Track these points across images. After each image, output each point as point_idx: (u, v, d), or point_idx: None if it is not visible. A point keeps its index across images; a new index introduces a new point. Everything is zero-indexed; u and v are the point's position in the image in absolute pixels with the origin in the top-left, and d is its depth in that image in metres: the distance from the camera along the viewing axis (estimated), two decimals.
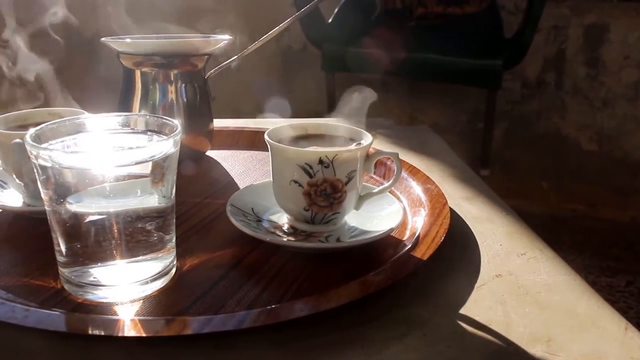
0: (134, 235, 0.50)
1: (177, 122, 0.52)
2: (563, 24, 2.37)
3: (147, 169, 0.48)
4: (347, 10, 2.20)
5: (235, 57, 0.83)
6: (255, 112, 1.11)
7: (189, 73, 0.81)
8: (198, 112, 0.83)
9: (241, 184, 0.79)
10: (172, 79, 0.80)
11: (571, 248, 2.03)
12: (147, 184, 0.49)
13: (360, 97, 0.71)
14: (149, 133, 0.55)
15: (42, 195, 0.50)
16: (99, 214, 0.49)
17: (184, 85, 0.81)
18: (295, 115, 1.21)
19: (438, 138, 1.06)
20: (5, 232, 0.66)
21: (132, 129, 0.55)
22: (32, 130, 0.50)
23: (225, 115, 1.04)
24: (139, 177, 0.49)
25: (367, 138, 0.62)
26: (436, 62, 2.01)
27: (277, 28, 0.81)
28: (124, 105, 0.81)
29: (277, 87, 2.48)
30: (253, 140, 0.94)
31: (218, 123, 0.90)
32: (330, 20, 2.21)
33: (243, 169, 0.85)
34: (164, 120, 0.54)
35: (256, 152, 0.92)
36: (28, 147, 0.48)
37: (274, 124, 1.00)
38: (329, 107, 2.21)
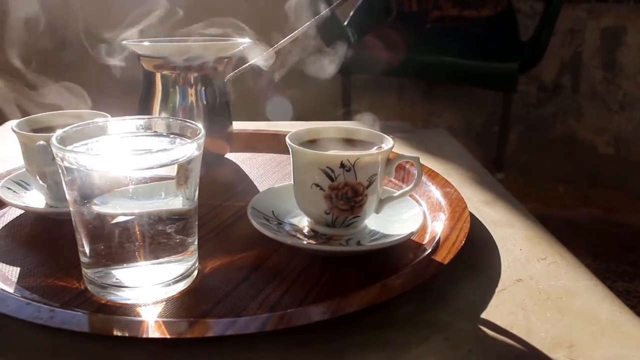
0: (157, 237, 0.50)
1: (200, 126, 0.52)
2: (579, 27, 2.36)
3: (172, 171, 0.49)
4: (363, 12, 2.20)
5: (254, 60, 0.83)
6: (265, 116, 1.11)
7: (209, 76, 0.82)
8: (218, 115, 0.83)
9: (261, 187, 0.79)
10: (192, 81, 0.81)
11: (587, 252, 2.02)
12: (172, 186, 0.50)
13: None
14: (171, 136, 0.55)
15: (67, 196, 0.51)
16: (123, 215, 0.49)
17: (203, 88, 0.81)
18: (309, 117, 1.21)
19: (455, 141, 1.06)
20: (28, 232, 0.66)
21: (155, 131, 0.56)
22: (58, 132, 0.51)
23: (239, 117, 1.05)
24: (164, 180, 0.49)
25: (387, 142, 0.62)
26: (452, 65, 2.01)
27: (296, 32, 0.82)
28: (144, 107, 0.82)
29: (292, 89, 2.48)
30: (271, 143, 0.94)
31: (236, 125, 0.91)
32: (345, 23, 2.21)
33: (262, 171, 0.85)
34: (187, 124, 0.54)
35: (275, 154, 0.92)
36: (54, 150, 0.49)
37: (292, 127, 1.01)
38: (344, 109, 2.21)
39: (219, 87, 0.83)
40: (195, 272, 0.55)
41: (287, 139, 0.62)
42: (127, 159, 0.49)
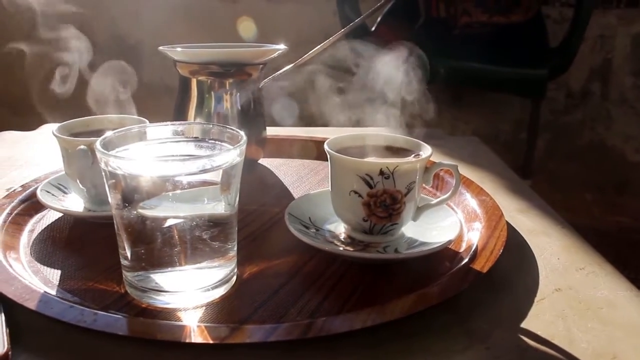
0: (198, 242, 0.51)
1: (242, 132, 0.53)
2: (610, 33, 2.34)
3: (216, 176, 0.49)
4: (390, 18, 2.20)
5: (289, 66, 0.84)
6: (296, 120, 1.11)
7: (243, 82, 0.82)
8: (252, 121, 0.84)
9: (295, 193, 0.79)
10: (227, 87, 0.81)
11: (616, 262, 1.98)
12: (215, 192, 0.50)
13: None
14: (211, 141, 0.56)
15: (110, 199, 0.51)
16: (166, 220, 0.50)
17: (238, 93, 0.82)
18: (336, 124, 1.21)
19: (487, 149, 1.06)
20: (67, 236, 0.67)
21: (196, 137, 0.56)
22: (102, 137, 0.51)
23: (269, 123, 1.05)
24: (207, 185, 0.50)
25: (426, 150, 0.62)
26: (480, 71, 2.00)
27: (331, 38, 0.82)
28: (180, 112, 0.83)
29: (318, 96, 2.49)
30: (304, 149, 0.95)
31: (268, 131, 0.91)
32: (373, 29, 2.21)
33: (296, 177, 0.85)
34: (227, 129, 0.55)
35: (307, 160, 0.92)
36: (98, 154, 0.49)
37: (324, 132, 1.01)
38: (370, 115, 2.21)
39: (254, 92, 0.84)
40: (234, 278, 0.56)
41: (325, 145, 0.62)
42: (172, 165, 0.50)
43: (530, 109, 2.15)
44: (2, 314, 0.49)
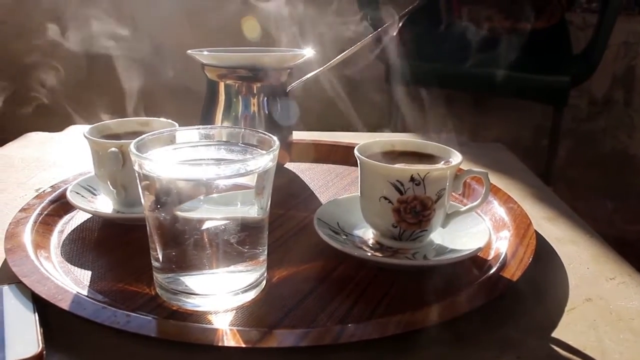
0: (230, 246, 0.51)
1: (274, 137, 0.53)
2: (634, 40, 2.32)
3: (252, 180, 0.49)
4: (413, 23, 2.19)
5: (316, 71, 0.84)
6: (316, 124, 1.11)
7: (271, 86, 0.82)
8: (279, 125, 0.84)
9: (322, 198, 0.79)
10: (254, 91, 0.82)
11: (638, 272, 1.97)
12: (249, 196, 0.50)
13: None
14: (241, 145, 0.56)
15: (143, 201, 0.52)
16: (199, 222, 0.50)
17: (266, 98, 0.82)
18: (355, 128, 1.21)
19: (513, 156, 1.05)
20: (96, 237, 0.68)
21: (227, 141, 0.57)
22: (138, 139, 0.52)
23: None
24: (241, 189, 0.50)
25: (456, 157, 0.62)
26: (502, 77, 1.99)
27: (359, 43, 0.83)
28: (207, 116, 0.83)
29: (338, 99, 2.49)
30: (329, 154, 0.95)
31: (294, 135, 0.91)
32: (395, 34, 2.20)
33: (322, 182, 0.85)
34: (259, 134, 0.55)
35: (333, 165, 0.92)
36: (132, 157, 0.50)
37: (348, 138, 1.01)
38: (391, 120, 2.21)
39: (281, 97, 0.84)
40: (264, 282, 0.56)
41: (355, 151, 0.62)
42: (207, 168, 0.50)
43: (551, 116, 2.14)
44: (36, 314, 0.50)
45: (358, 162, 0.62)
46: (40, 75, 2.63)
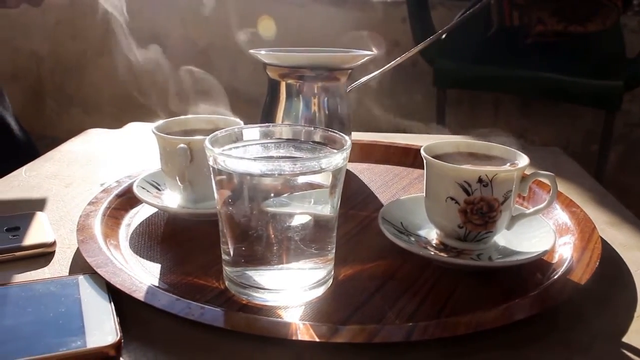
0: (301, 243, 0.52)
1: (346, 136, 0.54)
2: None
3: (326, 179, 0.50)
4: (462, 26, 2.18)
5: (375, 72, 0.85)
6: (362, 127, 1.12)
7: (331, 86, 0.83)
8: (338, 125, 0.84)
9: (382, 198, 0.80)
10: (315, 91, 0.82)
11: None
12: (321, 194, 0.51)
13: None
14: (311, 143, 0.57)
15: (216, 196, 0.53)
16: (272, 219, 0.51)
17: (326, 97, 0.83)
18: (403, 130, 1.21)
19: (570, 160, 1.04)
20: (162, 231, 0.69)
21: (297, 139, 0.58)
22: (212, 135, 0.53)
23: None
24: (314, 187, 0.51)
25: (522, 159, 0.62)
26: (553, 81, 1.96)
27: (419, 45, 0.83)
28: (268, 114, 0.84)
29: (386, 102, 2.49)
30: (386, 154, 0.95)
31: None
32: (444, 36, 2.20)
33: (380, 182, 0.86)
34: (330, 132, 0.56)
35: (391, 166, 0.93)
36: (208, 152, 0.51)
37: (405, 138, 1.02)
38: (438, 124, 2.20)
39: (340, 97, 0.84)
40: (331, 279, 0.57)
41: (422, 151, 0.63)
42: (283, 164, 0.51)
43: (602, 121, 2.10)
44: (112, 303, 0.51)
45: (424, 162, 0.62)
46: (91, 75, 2.70)
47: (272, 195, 0.50)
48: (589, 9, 2.03)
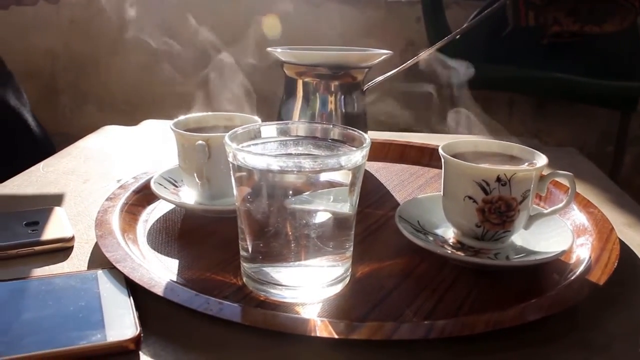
0: (319, 240, 0.52)
1: (365, 134, 0.54)
2: None
3: (346, 177, 0.50)
4: (477, 25, 2.17)
5: (392, 72, 0.85)
6: (378, 126, 1.12)
7: (348, 85, 0.83)
8: (355, 124, 0.84)
9: (398, 197, 0.80)
10: (332, 89, 0.83)
11: None
12: (341, 193, 0.51)
13: None
14: (329, 141, 0.57)
15: (235, 192, 0.53)
16: (290, 216, 0.51)
17: (343, 96, 0.83)
18: (420, 130, 1.21)
19: (587, 161, 1.04)
20: (179, 227, 0.70)
21: (315, 137, 0.58)
22: (232, 132, 0.53)
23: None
24: (334, 186, 0.51)
25: (541, 159, 0.62)
26: (569, 82, 1.96)
27: (430, 48, 0.83)
28: (285, 112, 0.84)
29: (399, 101, 2.48)
30: (402, 153, 0.95)
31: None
32: (459, 36, 2.19)
33: (397, 181, 0.86)
34: (348, 130, 0.56)
35: (406, 165, 0.93)
36: (228, 149, 0.51)
37: (419, 138, 1.02)
38: (452, 122, 2.19)
39: (357, 96, 0.85)
40: (349, 277, 0.57)
41: (440, 150, 0.63)
42: (303, 161, 0.51)
43: (618, 122, 2.09)
44: (131, 298, 0.52)
45: (442, 161, 0.62)
46: (105, 73, 2.71)
47: (291, 192, 0.50)
48: (605, 9, 2.02)
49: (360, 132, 0.55)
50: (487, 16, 0.92)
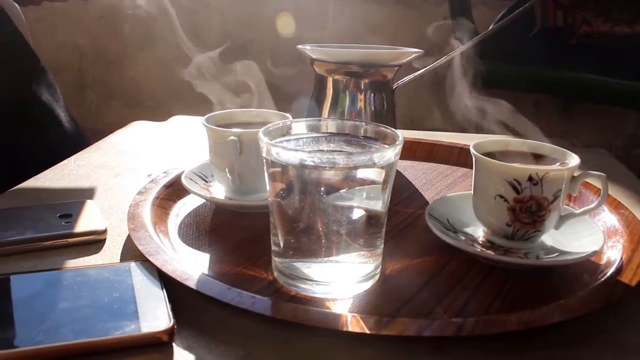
0: (351, 237, 0.52)
1: (397, 132, 0.54)
2: None
3: (379, 175, 0.51)
4: (506, 26, 2.16)
5: (421, 71, 0.85)
6: (404, 124, 1.12)
7: (378, 83, 0.83)
8: (384, 122, 0.84)
9: (426, 195, 0.80)
10: (362, 87, 0.83)
11: None
12: (374, 190, 0.52)
13: None
14: (361, 138, 0.57)
15: (268, 187, 0.54)
16: (323, 212, 0.51)
17: (372, 94, 0.83)
18: (443, 129, 1.21)
19: (617, 162, 1.03)
20: (210, 222, 0.71)
21: (348, 134, 0.58)
22: (266, 127, 0.54)
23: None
24: (366, 183, 0.51)
25: (573, 159, 0.62)
26: (597, 83, 1.94)
27: (459, 48, 0.83)
28: (314, 110, 0.85)
29: (425, 101, 2.48)
30: (430, 152, 0.95)
31: None
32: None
33: (425, 180, 0.86)
34: (381, 128, 0.56)
35: (433, 164, 0.93)
36: (261, 143, 0.52)
37: (447, 137, 1.01)
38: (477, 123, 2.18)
39: (387, 94, 0.85)
40: (379, 273, 0.57)
41: (471, 149, 0.63)
42: (337, 157, 0.51)
43: None
44: (164, 290, 0.52)
45: (473, 159, 0.62)
46: (132, 70, 2.73)
47: (323, 188, 0.50)
48: (636, 9, 2.00)
49: (393, 129, 0.55)
50: (516, 17, 0.91)
